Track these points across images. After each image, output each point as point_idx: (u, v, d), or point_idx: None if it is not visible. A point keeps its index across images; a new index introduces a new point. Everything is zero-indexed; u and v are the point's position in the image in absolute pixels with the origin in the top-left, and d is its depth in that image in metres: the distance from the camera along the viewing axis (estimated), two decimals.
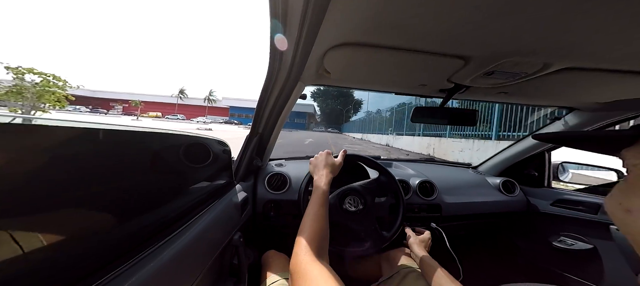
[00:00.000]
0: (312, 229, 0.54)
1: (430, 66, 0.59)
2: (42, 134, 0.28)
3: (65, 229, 0.29)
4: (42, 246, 0.26)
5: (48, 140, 0.28)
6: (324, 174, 0.72)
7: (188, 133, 0.57)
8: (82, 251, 0.31)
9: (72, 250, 0.29)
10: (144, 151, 0.45)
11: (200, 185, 0.64)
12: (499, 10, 0.36)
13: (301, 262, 0.45)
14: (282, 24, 0.44)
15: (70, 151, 0.30)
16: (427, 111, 0.90)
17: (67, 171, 0.29)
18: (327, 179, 0.70)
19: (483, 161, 1.50)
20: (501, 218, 1.25)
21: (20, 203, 0.24)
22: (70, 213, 0.30)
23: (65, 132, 0.30)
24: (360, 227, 0.86)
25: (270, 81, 0.71)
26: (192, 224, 0.52)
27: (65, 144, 0.30)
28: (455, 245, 0.96)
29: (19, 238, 0.24)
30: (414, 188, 1.13)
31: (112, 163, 0.37)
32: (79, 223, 0.31)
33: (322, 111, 61.38)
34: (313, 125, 62.43)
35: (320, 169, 0.74)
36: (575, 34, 0.40)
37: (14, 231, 0.24)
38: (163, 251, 0.40)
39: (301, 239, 0.51)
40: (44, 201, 0.27)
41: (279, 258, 0.85)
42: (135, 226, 0.41)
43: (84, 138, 0.33)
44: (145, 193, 0.44)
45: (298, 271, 0.44)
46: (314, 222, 0.56)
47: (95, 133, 0.34)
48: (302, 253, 0.47)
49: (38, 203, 0.26)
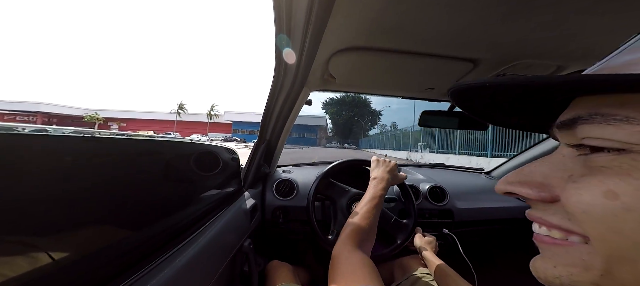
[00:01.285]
0: (359, 224, 0.58)
1: (437, 69, 0.59)
2: (59, 143, 0.29)
3: (79, 238, 0.29)
4: (56, 255, 0.26)
5: (64, 149, 0.29)
6: (385, 179, 0.73)
7: (198, 141, 0.58)
8: (97, 259, 0.31)
9: (86, 259, 0.30)
10: (156, 159, 0.46)
11: (211, 192, 0.65)
12: (510, 11, 0.35)
13: (343, 249, 0.49)
14: (286, 29, 0.45)
15: (85, 159, 0.31)
16: (436, 114, 0.89)
17: (81, 180, 0.30)
18: (385, 184, 0.72)
19: (496, 166, 1.46)
20: (517, 224, 1.21)
21: (36, 211, 0.25)
22: (84, 221, 0.30)
23: (81, 142, 0.31)
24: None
25: (276, 88, 0.72)
26: (203, 231, 0.52)
27: (80, 153, 0.30)
28: (469, 251, 0.93)
29: (33, 247, 0.25)
30: (424, 193, 1.11)
31: (125, 172, 0.38)
32: (93, 232, 0.32)
33: (335, 123, 55.41)
34: (325, 140, 55.58)
35: (381, 172, 0.75)
36: (591, 36, 0.39)
37: (28, 239, 0.25)
38: (176, 259, 0.41)
39: (347, 229, 0.56)
40: (58, 210, 0.27)
41: (283, 268, 0.85)
42: (148, 234, 0.41)
43: (98, 147, 0.34)
44: (158, 201, 0.45)
45: (339, 255, 0.47)
46: (362, 218, 0.60)
47: (108, 142, 0.35)
48: (346, 241, 0.52)
49: (52, 211, 0.27)
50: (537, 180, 0.20)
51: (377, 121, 51.46)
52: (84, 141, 0.32)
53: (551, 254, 0.19)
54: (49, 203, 0.26)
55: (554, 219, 0.19)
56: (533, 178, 0.20)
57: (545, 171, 0.20)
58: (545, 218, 0.20)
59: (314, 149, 28.26)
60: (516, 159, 1.35)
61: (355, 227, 0.57)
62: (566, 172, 0.18)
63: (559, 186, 0.18)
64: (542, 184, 0.19)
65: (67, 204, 0.28)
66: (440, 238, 1.09)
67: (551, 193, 0.19)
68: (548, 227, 0.20)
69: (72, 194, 0.29)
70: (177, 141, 0.52)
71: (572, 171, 0.18)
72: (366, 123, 48.96)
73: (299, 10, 0.38)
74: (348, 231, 0.55)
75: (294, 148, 27.15)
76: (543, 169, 0.20)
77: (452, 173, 1.45)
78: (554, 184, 0.19)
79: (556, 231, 0.19)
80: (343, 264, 0.45)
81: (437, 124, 0.93)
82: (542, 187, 0.19)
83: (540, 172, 0.20)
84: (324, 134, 56.73)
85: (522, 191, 0.20)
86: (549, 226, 0.19)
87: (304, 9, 0.37)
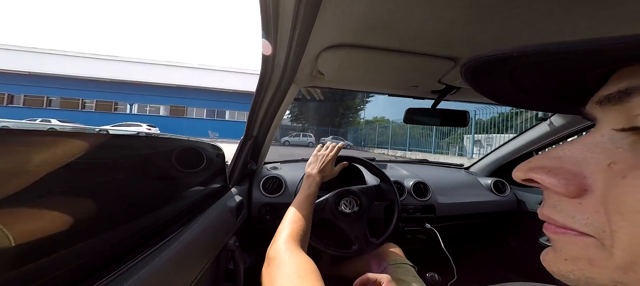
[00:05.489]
0: (294, 221, 0.56)
1: (421, 67, 0.61)
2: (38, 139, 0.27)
3: (57, 234, 0.28)
4: (34, 250, 0.25)
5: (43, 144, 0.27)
6: (317, 175, 0.73)
7: (181, 137, 0.56)
8: (74, 255, 0.30)
9: (64, 255, 0.29)
10: (136, 155, 0.44)
11: (194, 189, 0.63)
12: (486, 11, 0.37)
13: (279, 250, 0.47)
14: (273, 25, 0.44)
15: (64, 154, 0.29)
16: (420, 111, 0.92)
17: (59, 175, 0.28)
18: (319, 180, 0.72)
19: (475, 162, 1.53)
20: (493, 218, 1.28)
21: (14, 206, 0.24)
22: (63, 217, 0.29)
23: (59, 137, 0.30)
24: (350, 230, 0.85)
25: (264, 83, 0.71)
26: (186, 228, 0.51)
27: (60, 148, 0.29)
28: (449, 245, 0.97)
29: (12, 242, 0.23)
30: (408, 189, 1.14)
31: (104, 167, 0.36)
32: (71, 228, 0.30)
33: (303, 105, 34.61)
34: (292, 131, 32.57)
35: (315, 167, 0.75)
36: (561, 37, 0.42)
37: (8, 233, 0.23)
38: (156, 257, 0.39)
39: (282, 228, 0.54)
40: (37, 205, 0.26)
41: None
42: (127, 231, 0.40)
43: (76, 142, 0.32)
44: (138, 197, 0.43)
45: (275, 258, 0.45)
46: (295, 215, 0.58)
47: (88, 137, 0.33)
48: (281, 241, 0.49)
49: (31, 206, 0.25)
50: (566, 167, 0.16)
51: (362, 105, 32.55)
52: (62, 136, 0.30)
53: (561, 245, 0.17)
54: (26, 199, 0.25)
55: (570, 222, 0.16)
56: (561, 164, 0.16)
57: (577, 156, 0.16)
58: (563, 221, 0.16)
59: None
60: (492, 155, 1.42)
61: (293, 228, 0.54)
62: (606, 158, 0.15)
63: (593, 175, 0.15)
64: (571, 173, 0.16)
65: (43, 200, 0.27)
66: (423, 232, 1.13)
67: (580, 184, 0.15)
68: (562, 232, 0.16)
69: (50, 189, 0.27)
70: (160, 137, 0.50)
71: (614, 158, 0.14)
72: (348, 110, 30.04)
73: (288, 6, 0.38)
74: (287, 233, 0.52)
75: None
76: (575, 154, 0.16)
77: (434, 168, 1.50)
78: (586, 173, 0.15)
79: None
80: (288, 266, 0.42)
81: (421, 121, 0.96)
82: (572, 177, 0.16)
83: (571, 157, 0.16)
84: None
85: (546, 180, 0.17)
86: (563, 230, 0.16)
87: (292, 5, 0.37)
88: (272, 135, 1.02)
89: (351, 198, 0.89)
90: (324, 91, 8.97)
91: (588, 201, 0.15)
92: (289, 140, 18.81)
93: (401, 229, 1.09)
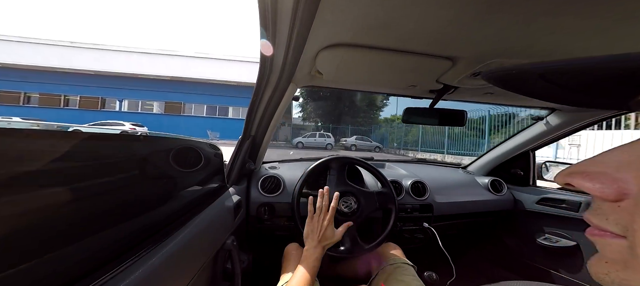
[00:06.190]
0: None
1: (419, 67, 0.61)
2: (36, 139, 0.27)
3: (56, 233, 0.28)
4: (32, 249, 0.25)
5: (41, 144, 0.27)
6: (318, 247, 0.66)
7: (180, 137, 0.56)
8: (72, 255, 0.30)
9: (62, 254, 0.29)
10: (135, 154, 0.44)
11: (192, 189, 0.63)
12: (484, 11, 0.37)
13: None
14: (272, 24, 0.44)
15: (62, 154, 0.29)
16: (418, 111, 0.92)
17: (58, 175, 0.28)
18: (320, 252, 0.65)
19: (472, 161, 1.54)
20: (490, 217, 1.29)
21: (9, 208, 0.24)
22: (61, 216, 0.29)
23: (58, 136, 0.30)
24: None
25: (262, 83, 0.71)
26: (183, 228, 0.51)
27: (58, 148, 0.29)
28: (447, 244, 0.97)
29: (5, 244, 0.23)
30: (406, 188, 1.14)
31: (102, 167, 0.36)
32: (70, 227, 0.30)
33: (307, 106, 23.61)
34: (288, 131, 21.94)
35: (314, 239, 0.67)
36: (560, 36, 0.42)
37: (7, 233, 0.23)
38: (153, 256, 0.39)
39: None
40: (36, 205, 0.26)
41: (299, 252, 0.82)
42: (125, 231, 0.40)
43: (75, 142, 0.32)
44: (136, 197, 0.43)
45: None
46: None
47: (86, 137, 0.33)
48: None
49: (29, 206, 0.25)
50: (607, 171, 0.16)
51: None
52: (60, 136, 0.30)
53: (601, 247, 0.16)
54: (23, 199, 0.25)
55: (604, 223, 0.16)
56: (604, 169, 0.16)
57: (622, 159, 0.16)
58: (598, 223, 0.16)
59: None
60: (489, 154, 1.43)
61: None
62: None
63: (634, 179, 0.15)
64: (611, 177, 0.15)
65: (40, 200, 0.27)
66: (421, 232, 1.13)
67: (619, 188, 0.15)
68: (600, 234, 0.16)
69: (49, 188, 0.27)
70: (157, 136, 0.50)
71: None
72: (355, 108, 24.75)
73: (286, 5, 0.38)
74: None
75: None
76: (620, 158, 0.16)
77: (432, 167, 1.51)
78: (628, 178, 0.15)
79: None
80: None
81: (419, 121, 0.96)
82: (611, 181, 0.15)
83: (615, 161, 0.16)
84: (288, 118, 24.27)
85: (583, 184, 0.16)
86: (600, 233, 0.16)
87: (290, 4, 0.37)
88: (270, 135, 1.02)
89: (352, 198, 0.88)
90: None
91: (626, 205, 0.15)
92: (302, 141, 15.20)
93: (399, 228, 1.10)
